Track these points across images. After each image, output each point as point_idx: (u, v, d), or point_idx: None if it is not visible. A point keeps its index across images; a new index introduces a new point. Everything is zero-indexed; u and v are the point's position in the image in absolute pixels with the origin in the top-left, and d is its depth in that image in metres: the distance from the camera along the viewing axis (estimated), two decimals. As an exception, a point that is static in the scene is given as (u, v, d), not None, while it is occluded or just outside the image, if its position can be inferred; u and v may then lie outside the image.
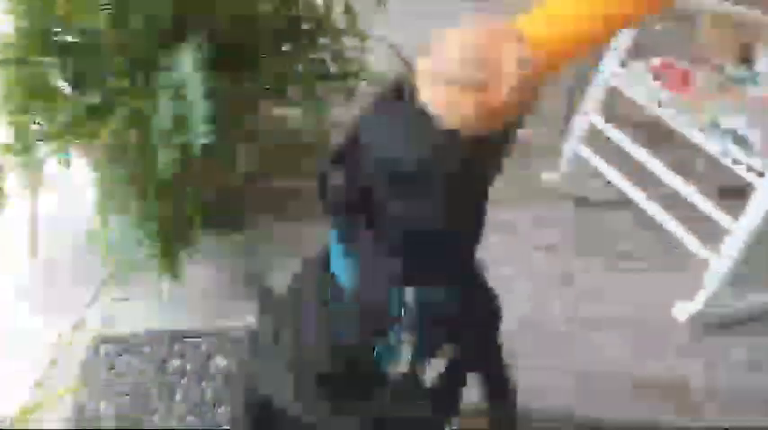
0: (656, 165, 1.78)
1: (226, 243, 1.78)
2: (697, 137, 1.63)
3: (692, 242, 1.68)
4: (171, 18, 1.49)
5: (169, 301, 1.58)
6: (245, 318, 1.52)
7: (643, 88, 1.77)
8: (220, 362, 1.48)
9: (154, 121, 1.42)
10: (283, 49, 1.83)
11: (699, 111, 1.64)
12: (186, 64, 1.40)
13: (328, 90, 1.82)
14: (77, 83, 1.58)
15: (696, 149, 1.68)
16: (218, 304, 1.61)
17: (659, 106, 1.71)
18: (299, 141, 1.85)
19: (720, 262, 1.59)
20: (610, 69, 1.85)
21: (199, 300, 1.61)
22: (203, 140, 1.35)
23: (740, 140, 1.54)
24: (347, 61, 1.88)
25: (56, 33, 1.55)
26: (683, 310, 1.67)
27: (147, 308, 1.57)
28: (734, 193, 1.63)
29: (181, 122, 1.40)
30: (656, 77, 1.78)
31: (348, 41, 1.87)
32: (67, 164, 1.51)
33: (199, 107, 1.36)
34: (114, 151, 1.57)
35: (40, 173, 1.50)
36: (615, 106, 1.92)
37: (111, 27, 1.46)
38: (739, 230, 1.53)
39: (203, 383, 1.42)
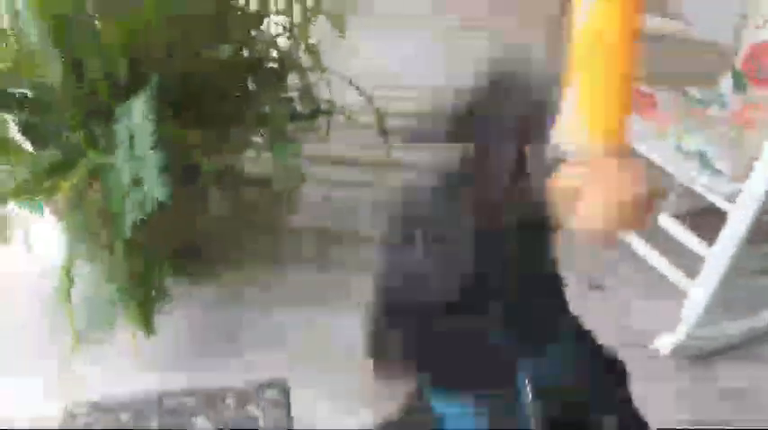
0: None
1: (197, 293, 1.73)
2: (665, 162, 1.60)
3: (670, 270, 1.64)
4: (126, 70, 1.46)
5: (144, 359, 1.52)
6: (223, 372, 1.49)
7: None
8: (202, 423, 1.42)
9: (111, 176, 1.38)
10: (250, 89, 1.80)
11: (665, 136, 1.61)
12: (137, 114, 1.35)
13: (296, 129, 1.80)
14: (35, 138, 1.55)
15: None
16: (195, 360, 1.56)
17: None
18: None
19: (699, 291, 1.53)
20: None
21: (174, 356, 1.56)
22: (158, 195, 1.30)
23: (708, 165, 1.51)
24: (315, 99, 1.85)
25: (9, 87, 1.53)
26: (665, 343, 1.61)
27: (121, 367, 1.51)
28: (711, 213, 1.59)
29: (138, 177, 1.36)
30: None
31: (311, 77, 1.84)
32: (41, 213, 1.48)
33: (150, 159, 1.31)
34: (76, 204, 1.54)
35: (5, 229, 1.48)
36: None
37: (64, 82, 1.43)
38: (714, 258, 1.49)
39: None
